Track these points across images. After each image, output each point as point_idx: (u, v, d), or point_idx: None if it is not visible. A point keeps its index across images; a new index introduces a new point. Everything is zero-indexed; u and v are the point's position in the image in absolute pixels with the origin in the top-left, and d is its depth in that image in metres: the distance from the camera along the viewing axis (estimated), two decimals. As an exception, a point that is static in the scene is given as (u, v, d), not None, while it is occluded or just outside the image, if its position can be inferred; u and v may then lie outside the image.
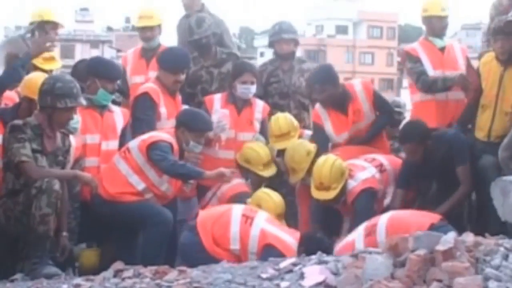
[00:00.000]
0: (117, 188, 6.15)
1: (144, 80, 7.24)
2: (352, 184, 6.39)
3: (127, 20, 62.31)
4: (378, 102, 7.18)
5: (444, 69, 7.06)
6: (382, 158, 6.71)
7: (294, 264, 4.35)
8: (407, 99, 8.13)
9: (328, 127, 7.00)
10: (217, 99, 7.04)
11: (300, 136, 7.05)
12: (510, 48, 6.50)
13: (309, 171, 6.58)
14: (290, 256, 5.53)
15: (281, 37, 7.64)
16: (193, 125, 6.32)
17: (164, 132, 6.39)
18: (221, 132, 6.83)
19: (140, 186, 6.16)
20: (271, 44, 7.89)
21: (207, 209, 6.01)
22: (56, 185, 5.42)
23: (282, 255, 5.48)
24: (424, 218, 5.51)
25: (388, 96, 7.70)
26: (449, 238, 3.65)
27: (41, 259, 5.42)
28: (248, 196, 6.43)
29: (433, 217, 5.51)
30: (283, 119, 7.00)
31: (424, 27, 7.46)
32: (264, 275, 4.28)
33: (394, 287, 3.49)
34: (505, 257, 3.63)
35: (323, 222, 6.54)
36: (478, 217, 6.52)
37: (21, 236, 5.55)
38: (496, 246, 3.79)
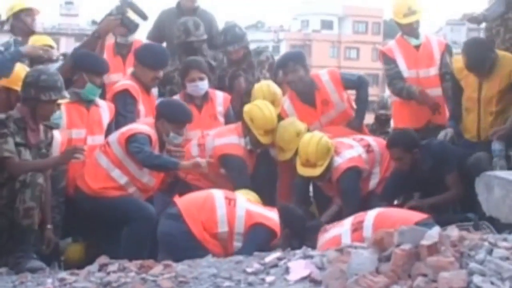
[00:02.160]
0: (100, 183, 6.15)
1: (122, 78, 7.14)
2: (338, 161, 6.42)
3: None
4: (349, 84, 7.19)
5: (418, 67, 7.13)
6: (370, 139, 6.76)
7: (279, 259, 4.36)
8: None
9: None
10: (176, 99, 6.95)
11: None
12: (474, 63, 6.51)
13: (297, 152, 6.58)
14: (278, 232, 5.71)
15: (227, 49, 7.48)
16: (172, 116, 6.29)
17: (143, 123, 6.37)
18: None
19: (123, 180, 6.15)
20: (223, 53, 7.69)
21: (183, 198, 5.90)
22: (40, 179, 5.39)
23: (271, 232, 5.67)
24: (411, 216, 5.53)
25: (374, 91, 7.72)
26: (434, 233, 3.66)
27: (26, 253, 5.40)
28: (239, 160, 6.40)
29: (420, 216, 5.54)
30: (267, 88, 6.96)
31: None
32: (249, 270, 4.28)
33: (379, 281, 3.50)
34: (490, 252, 3.64)
35: (304, 200, 6.57)
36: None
37: (5, 230, 5.52)
38: (481, 241, 3.80)
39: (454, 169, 6.37)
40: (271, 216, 5.78)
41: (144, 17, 7.08)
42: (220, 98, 7.08)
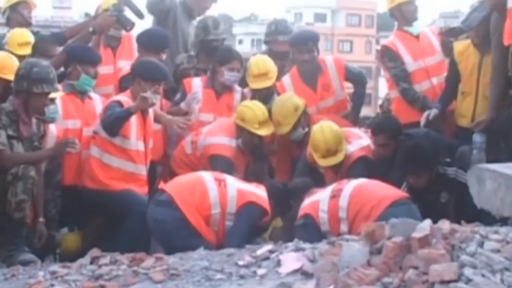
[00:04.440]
0: (99, 175, 6.19)
1: (113, 71, 7.14)
2: (350, 149, 6.38)
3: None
4: (351, 76, 7.19)
5: (424, 57, 7.04)
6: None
7: (271, 251, 4.37)
8: (385, 88, 8.15)
9: None
10: (196, 82, 7.00)
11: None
12: (484, 33, 6.51)
13: (295, 126, 6.58)
14: (268, 210, 5.73)
15: (276, 38, 7.53)
16: (148, 74, 6.33)
17: (122, 95, 6.40)
18: (196, 103, 6.78)
19: (114, 162, 6.19)
20: (266, 43, 7.81)
21: (171, 183, 5.84)
22: (32, 171, 5.39)
23: (262, 210, 5.69)
24: (389, 192, 5.53)
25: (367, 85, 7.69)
26: (425, 225, 3.66)
27: (18, 246, 5.41)
28: (227, 161, 6.36)
29: (398, 194, 5.54)
30: (262, 60, 6.95)
31: (395, 20, 7.33)
32: (241, 262, 4.29)
33: (371, 274, 3.50)
34: (481, 244, 3.65)
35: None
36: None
37: (-3, 223, 5.52)
38: (472, 234, 3.80)
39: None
40: (262, 194, 5.78)
41: (140, 16, 7.08)
42: (239, 93, 7.07)
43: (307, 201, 5.68)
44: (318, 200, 5.61)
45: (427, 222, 3.75)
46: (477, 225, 4.39)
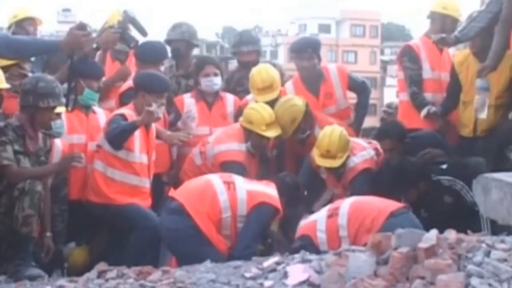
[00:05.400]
0: (103, 189, 6.18)
1: (124, 83, 7.17)
2: (355, 161, 6.40)
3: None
4: (354, 85, 7.20)
5: (442, 70, 7.02)
6: (375, 142, 6.72)
7: (278, 263, 4.36)
8: (389, 98, 8.16)
9: None
10: (187, 98, 7.05)
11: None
12: (480, 43, 6.52)
13: (294, 133, 6.62)
14: (280, 208, 5.72)
15: (240, 49, 7.59)
16: (151, 86, 6.32)
17: (125, 108, 6.40)
18: (192, 121, 6.81)
19: (117, 175, 6.18)
20: (233, 54, 7.87)
21: (180, 189, 5.82)
22: (39, 186, 5.40)
23: (274, 209, 5.68)
24: (386, 204, 5.54)
25: (371, 95, 7.69)
26: (431, 235, 3.67)
27: (24, 261, 5.40)
28: (239, 166, 6.35)
29: (395, 205, 5.55)
30: (265, 71, 6.95)
31: (431, 22, 7.22)
32: (247, 274, 4.28)
33: (377, 284, 3.50)
34: (487, 254, 3.65)
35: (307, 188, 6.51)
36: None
37: (4, 238, 5.52)
38: (478, 243, 3.81)
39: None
40: (272, 192, 5.76)
41: (144, 33, 7.11)
42: (231, 100, 7.12)
43: (303, 223, 5.68)
44: (315, 221, 5.60)
45: (433, 232, 3.75)
46: (484, 235, 4.39)
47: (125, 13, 6.83)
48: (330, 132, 6.39)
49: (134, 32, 7.11)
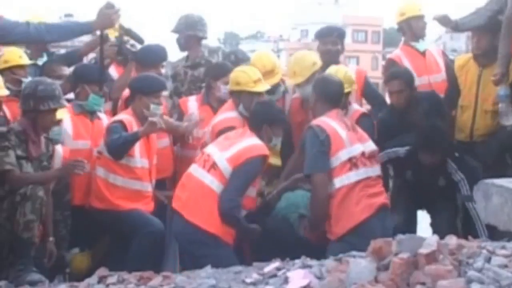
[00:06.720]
0: (105, 195, 6.20)
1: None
2: (354, 107, 6.51)
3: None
4: (369, 93, 7.20)
5: (429, 73, 7.07)
6: None
7: (278, 269, 4.36)
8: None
9: None
10: (192, 100, 7.04)
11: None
12: (485, 46, 6.53)
13: (308, 80, 6.55)
14: (267, 153, 5.70)
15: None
16: (146, 87, 6.34)
17: (123, 113, 6.41)
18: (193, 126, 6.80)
19: (119, 181, 6.20)
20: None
21: (175, 198, 5.77)
22: (41, 192, 5.40)
23: (262, 157, 5.65)
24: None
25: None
26: (432, 241, 3.67)
27: (26, 266, 5.40)
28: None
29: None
30: (266, 57, 6.95)
31: (402, 34, 7.36)
32: (248, 280, 4.29)
33: (378, 290, 3.51)
34: (488, 260, 3.65)
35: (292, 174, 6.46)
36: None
37: (6, 243, 5.52)
38: (479, 249, 3.81)
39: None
40: (251, 142, 5.70)
41: (141, 42, 7.14)
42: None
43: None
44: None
45: (434, 238, 3.75)
46: (484, 240, 4.39)
47: (120, 27, 6.87)
48: (336, 70, 6.44)
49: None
